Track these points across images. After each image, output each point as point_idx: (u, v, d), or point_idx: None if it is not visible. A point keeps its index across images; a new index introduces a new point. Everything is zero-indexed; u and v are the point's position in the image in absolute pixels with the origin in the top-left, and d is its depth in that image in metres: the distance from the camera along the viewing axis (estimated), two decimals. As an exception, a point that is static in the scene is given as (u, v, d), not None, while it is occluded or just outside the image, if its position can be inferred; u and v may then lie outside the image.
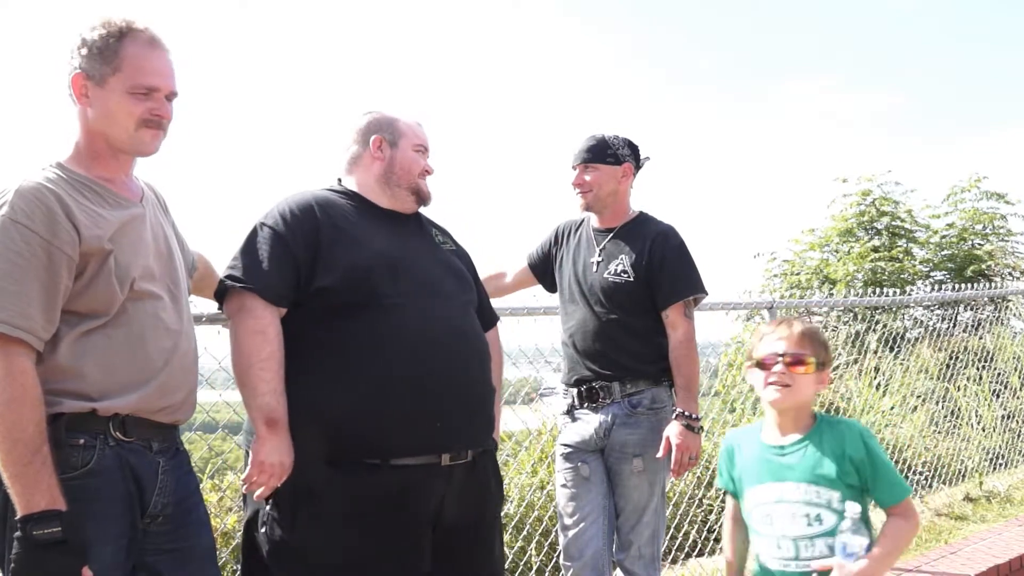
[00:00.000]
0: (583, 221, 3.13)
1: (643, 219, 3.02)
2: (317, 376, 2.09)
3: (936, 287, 10.38)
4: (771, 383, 2.05)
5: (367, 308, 2.10)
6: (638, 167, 3.04)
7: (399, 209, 2.35)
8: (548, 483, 4.18)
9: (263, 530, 2.08)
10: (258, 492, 2.03)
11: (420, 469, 2.08)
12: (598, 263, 2.94)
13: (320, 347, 2.10)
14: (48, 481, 1.66)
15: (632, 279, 2.86)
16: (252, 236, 2.16)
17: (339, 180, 2.40)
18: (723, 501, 5.01)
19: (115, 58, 1.83)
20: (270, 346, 2.04)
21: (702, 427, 2.85)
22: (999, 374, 7.06)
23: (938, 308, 8.97)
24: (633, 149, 3.02)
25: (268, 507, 2.08)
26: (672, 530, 4.47)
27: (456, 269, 2.37)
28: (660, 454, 2.79)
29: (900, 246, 11.86)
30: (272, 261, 2.09)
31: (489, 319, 2.53)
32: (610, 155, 2.97)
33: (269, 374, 2.02)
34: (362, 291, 2.11)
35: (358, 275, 2.11)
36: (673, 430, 2.78)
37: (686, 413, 2.79)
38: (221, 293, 2.15)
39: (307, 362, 2.09)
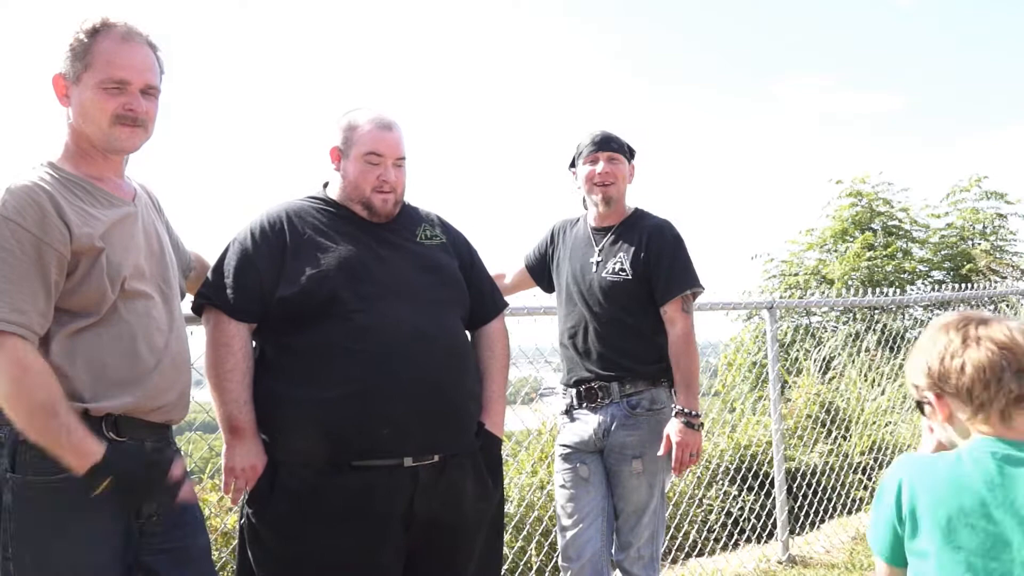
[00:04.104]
0: (579, 220, 3.10)
1: (639, 215, 3.00)
2: (280, 382, 2.17)
3: (936, 287, 10.39)
4: None
5: (325, 316, 2.15)
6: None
7: (368, 217, 2.33)
8: (548, 483, 4.18)
9: (242, 522, 2.22)
10: (232, 495, 2.18)
11: (382, 470, 2.12)
12: (597, 262, 2.92)
13: (284, 354, 2.18)
14: (78, 436, 1.71)
15: (630, 276, 2.85)
16: (223, 253, 2.26)
17: (325, 184, 2.42)
18: (723, 500, 5.06)
19: (87, 55, 1.83)
20: (234, 358, 2.16)
21: (702, 424, 2.84)
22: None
23: (938, 308, 8.98)
24: (632, 151, 3.03)
25: (244, 503, 2.20)
26: (672, 530, 4.48)
27: (435, 266, 2.34)
28: (661, 452, 2.78)
29: (897, 245, 11.88)
30: (237, 278, 2.20)
31: (490, 309, 2.50)
32: (627, 150, 2.98)
33: (233, 384, 2.15)
34: (320, 300, 2.15)
35: (315, 285, 2.16)
36: (673, 428, 2.77)
37: (686, 410, 2.77)
38: (197, 307, 2.25)
39: (272, 368, 2.19)
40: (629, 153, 2.99)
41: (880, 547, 1.59)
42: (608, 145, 2.93)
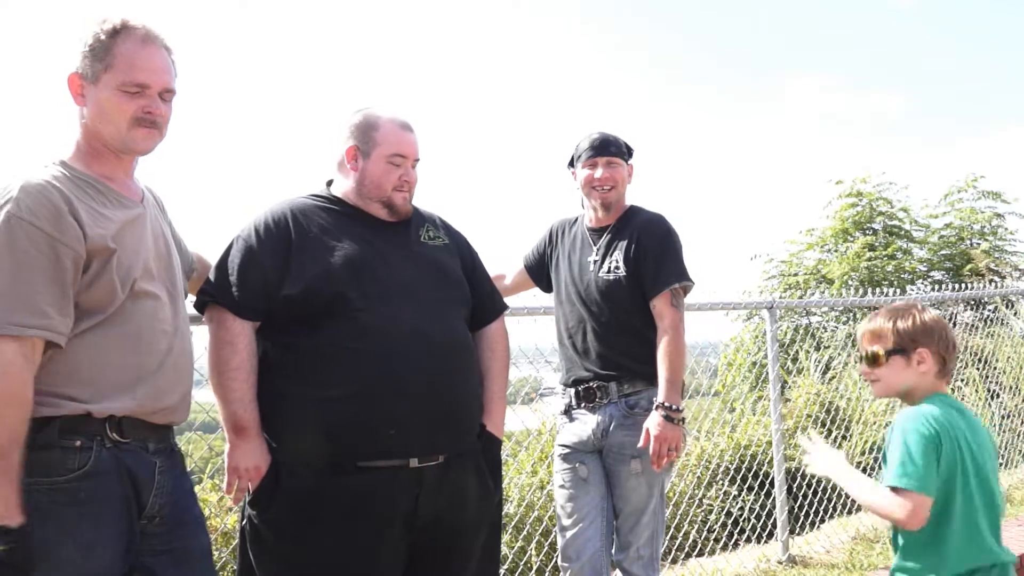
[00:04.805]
0: (577, 220, 3.11)
1: (633, 212, 3.00)
2: (283, 381, 2.16)
3: (936, 287, 10.39)
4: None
5: (329, 316, 2.14)
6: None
7: (378, 216, 2.33)
8: (548, 483, 4.18)
9: (244, 522, 2.22)
10: (234, 495, 2.17)
11: (386, 471, 2.12)
12: (594, 262, 2.93)
13: (287, 353, 2.17)
14: (6, 492, 1.62)
15: (625, 274, 2.85)
16: (227, 250, 2.24)
17: (329, 182, 2.41)
18: (723, 500, 5.05)
19: (107, 56, 1.83)
20: (238, 357, 2.14)
21: (683, 419, 2.80)
22: (998, 374, 7.06)
23: (937, 308, 9.00)
24: (631, 150, 3.03)
25: (246, 503, 2.19)
26: (672, 530, 4.48)
27: (438, 267, 2.34)
28: (640, 444, 2.75)
29: (897, 245, 11.88)
30: (241, 275, 2.18)
31: (490, 311, 2.50)
32: (625, 151, 2.98)
33: (237, 383, 2.12)
34: (323, 300, 2.15)
35: (319, 284, 2.15)
36: (653, 421, 2.72)
37: (666, 404, 2.73)
38: (200, 305, 2.23)
39: (274, 368, 2.18)
40: (627, 152, 2.99)
41: (927, 482, 1.93)
42: (606, 149, 2.93)
